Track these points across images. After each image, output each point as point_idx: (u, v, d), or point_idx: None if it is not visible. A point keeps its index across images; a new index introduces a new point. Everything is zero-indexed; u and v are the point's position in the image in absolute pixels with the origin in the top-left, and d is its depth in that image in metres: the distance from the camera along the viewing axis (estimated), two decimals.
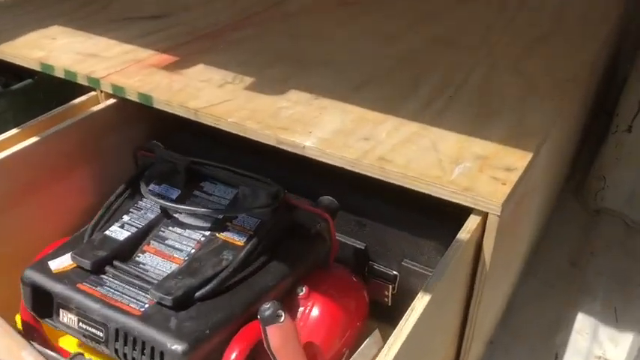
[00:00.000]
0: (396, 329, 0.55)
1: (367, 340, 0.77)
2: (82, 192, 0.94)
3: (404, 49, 1.03)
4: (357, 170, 0.72)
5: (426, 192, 0.69)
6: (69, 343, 0.75)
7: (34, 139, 0.87)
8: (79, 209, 0.93)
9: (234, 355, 0.63)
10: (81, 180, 0.94)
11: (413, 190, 0.71)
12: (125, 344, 0.63)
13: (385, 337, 0.59)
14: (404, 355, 0.53)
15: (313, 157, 0.75)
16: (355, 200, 0.82)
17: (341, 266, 0.80)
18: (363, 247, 0.82)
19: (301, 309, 0.73)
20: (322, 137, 0.77)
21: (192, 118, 0.84)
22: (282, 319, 0.64)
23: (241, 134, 0.81)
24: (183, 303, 0.64)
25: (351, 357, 0.76)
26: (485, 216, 0.69)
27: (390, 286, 0.82)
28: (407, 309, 0.86)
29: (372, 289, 0.82)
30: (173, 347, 0.60)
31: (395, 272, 0.81)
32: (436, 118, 0.81)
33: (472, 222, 0.69)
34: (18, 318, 0.76)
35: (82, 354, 0.71)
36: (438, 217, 0.78)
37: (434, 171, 0.70)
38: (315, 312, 0.73)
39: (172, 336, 0.61)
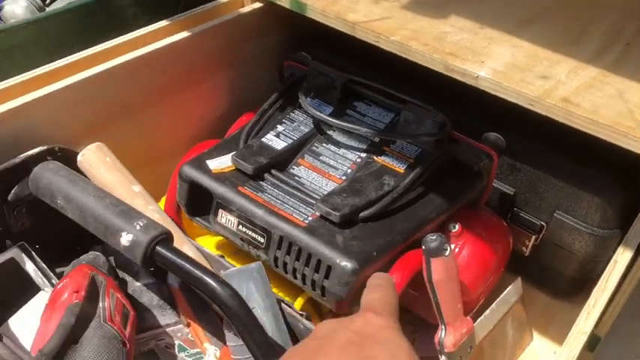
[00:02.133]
0: (597, 287, 0.51)
1: (509, 287, 0.74)
2: (217, 98, 0.92)
3: None
4: (536, 110, 0.67)
5: (617, 143, 0.63)
6: (207, 244, 0.75)
7: (174, 37, 0.84)
8: (213, 116, 0.92)
9: (396, 282, 0.62)
10: (217, 85, 0.91)
11: (577, 138, 0.66)
12: (287, 254, 0.61)
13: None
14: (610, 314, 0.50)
15: (486, 89, 0.70)
16: (511, 141, 0.77)
17: (489, 209, 0.77)
18: (511, 193, 0.78)
19: (452, 246, 0.70)
20: (496, 69, 0.71)
21: (349, 32, 0.79)
22: (448, 252, 0.62)
23: (404, 55, 0.75)
24: (348, 221, 0.62)
25: (485, 303, 0.73)
26: None
27: (533, 237, 0.79)
28: (548, 262, 0.83)
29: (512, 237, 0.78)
30: (343, 264, 0.58)
31: (542, 222, 0.77)
32: (616, 66, 0.75)
33: None
34: None
35: (223, 256, 0.71)
36: (604, 171, 0.73)
37: (626, 121, 0.65)
38: (465, 251, 0.70)
39: (342, 253, 0.59)
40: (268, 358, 0.46)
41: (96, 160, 0.68)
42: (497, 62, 0.73)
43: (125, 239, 0.50)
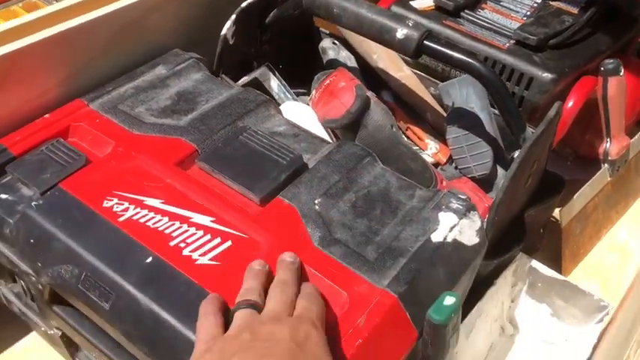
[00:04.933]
0: None
1: None
2: None
3: None
4: None
5: None
6: None
7: None
8: None
9: (572, 102, 0.76)
10: None
11: None
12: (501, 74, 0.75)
13: None
14: None
15: None
16: None
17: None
18: None
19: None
20: None
21: None
22: (622, 72, 0.75)
23: None
24: (540, 46, 0.76)
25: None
26: None
27: None
28: None
29: None
30: (543, 75, 0.72)
31: None
32: None
33: None
34: None
35: None
36: None
37: None
38: None
39: (541, 67, 0.73)
40: (519, 123, 0.61)
41: None
42: None
43: (400, 34, 0.64)
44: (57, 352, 0.65)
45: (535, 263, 0.70)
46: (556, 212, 0.78)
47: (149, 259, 0.50)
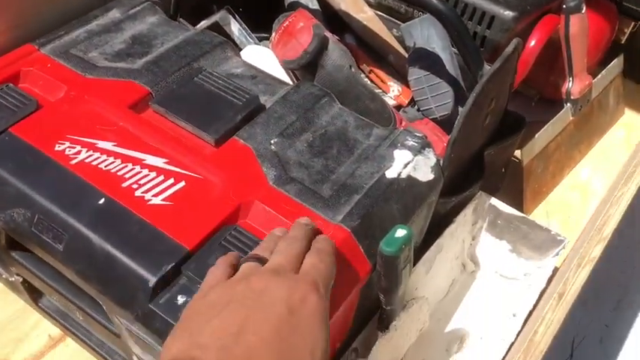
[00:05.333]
0: None
1: (614, 61, 0.88)
2: None
3: None
4: None
5: None
6: None
7: None
8: None
9: (534, 41, 0.75)
10: None
11: None
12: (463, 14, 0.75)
13: None
14: None
15: None
16: None
17: None
18: None
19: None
20: None
21: None
22: (584, 10, 0.75)
23: None
24: None
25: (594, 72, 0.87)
26: None
27: (632, 24, 0.91)
28: None
29: None
30: (505, 13, 0.72)
31: None
32: None
33: None
34: None
35: None
36: None
37: None
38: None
39: (502, 5, 0.72)
40: (477, 60, 0.61)
41: None
42: None
43: None
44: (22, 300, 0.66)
45: (494, 201, 0.71)
46: (518, 152, 0.79)
47: (101, 201, 0.50)
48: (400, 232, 0.48)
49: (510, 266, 0.72)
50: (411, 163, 0.56)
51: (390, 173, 0.55)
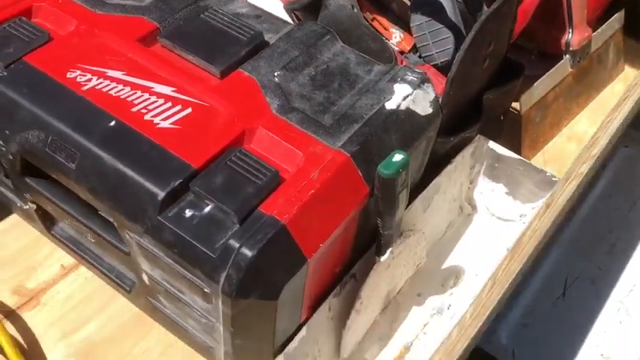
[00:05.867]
0: None
1: (615, 15, 0.89)
2: None
3: None
4: None
5: None
6: None
7: None
8: None
9: None
10: None
11: None
12: None
13: None
14: None
15: None
16: None
17: None
18: None
19: None
20: None
21: None
22: None
23: None
24: None
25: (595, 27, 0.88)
26: None
27: None
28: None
29: None
30: None
31: None
32: None
33: None
34: None
35: None
36: None
37: None
38: None
39: None
40: (478, 3, 0.62)
41: None
42: None
43: None
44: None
45: (492, 144, 0.73)
46: (516, 103, 0.81)
47: (112, 123, 0.52)
48: (398, 157, 0.50)
49: (507, 208, 0.74)
50: (410, 96, 0.58)
51: (390, 105, 0.57)
